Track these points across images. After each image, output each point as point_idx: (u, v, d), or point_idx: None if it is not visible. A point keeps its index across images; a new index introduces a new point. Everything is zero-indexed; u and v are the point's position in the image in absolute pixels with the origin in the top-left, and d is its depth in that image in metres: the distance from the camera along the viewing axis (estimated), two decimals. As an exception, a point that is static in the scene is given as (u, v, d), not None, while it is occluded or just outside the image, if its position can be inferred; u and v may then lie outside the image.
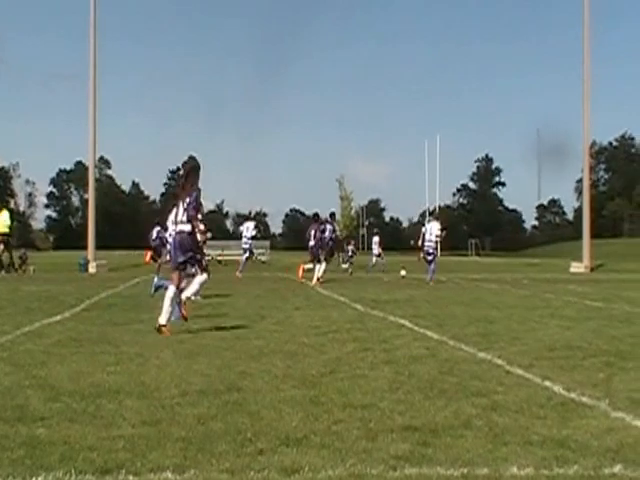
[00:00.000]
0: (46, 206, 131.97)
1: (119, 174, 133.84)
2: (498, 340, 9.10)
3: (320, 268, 21.99)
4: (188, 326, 9.80)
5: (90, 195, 36.92)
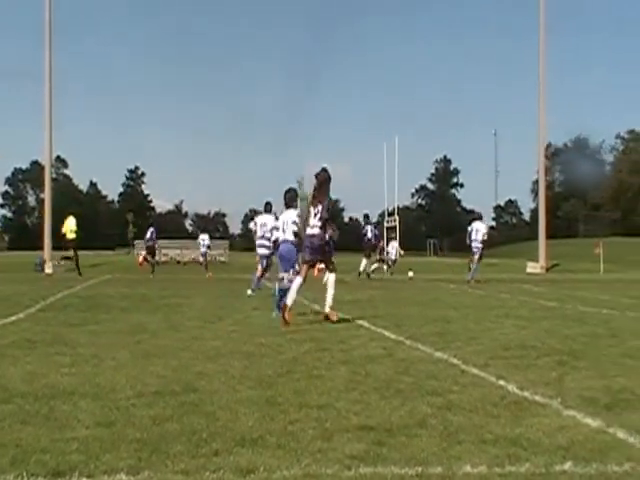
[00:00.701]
0: (1, 206, 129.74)
1: (76, 173, 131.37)
2: (454, 340, 9.19)
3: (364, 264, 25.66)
4: (145, 327, 9.72)
5: (46, 194, 36.49)
